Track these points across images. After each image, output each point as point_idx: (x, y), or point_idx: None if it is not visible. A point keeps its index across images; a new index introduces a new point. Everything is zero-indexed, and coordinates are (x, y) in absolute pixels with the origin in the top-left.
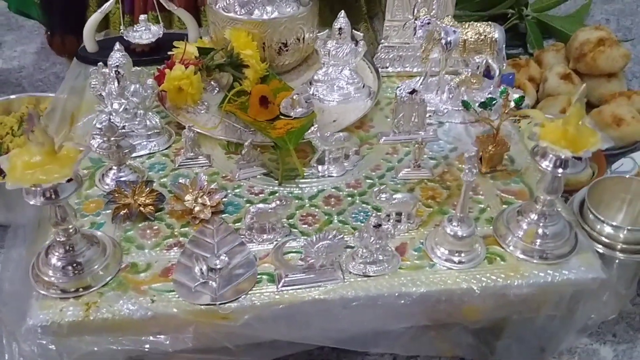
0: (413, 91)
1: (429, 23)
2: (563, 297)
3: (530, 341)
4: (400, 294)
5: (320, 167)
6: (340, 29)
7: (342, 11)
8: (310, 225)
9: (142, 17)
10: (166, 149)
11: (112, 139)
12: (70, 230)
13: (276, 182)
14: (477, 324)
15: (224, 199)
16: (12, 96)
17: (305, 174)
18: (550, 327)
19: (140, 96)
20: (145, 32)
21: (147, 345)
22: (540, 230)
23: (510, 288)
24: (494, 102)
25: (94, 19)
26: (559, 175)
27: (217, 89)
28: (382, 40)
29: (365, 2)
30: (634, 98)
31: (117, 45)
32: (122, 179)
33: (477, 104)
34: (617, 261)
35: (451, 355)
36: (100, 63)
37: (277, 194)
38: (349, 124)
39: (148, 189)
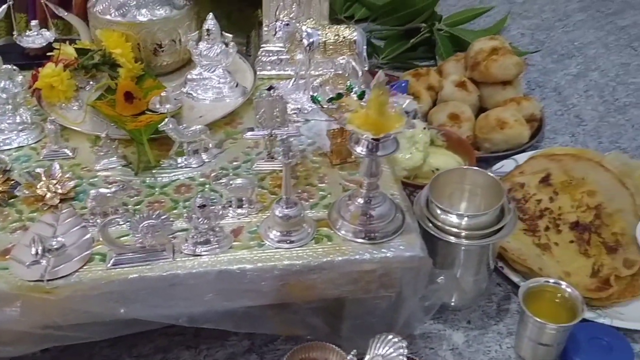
0: (270, 88)
1: (288, 25)
2: (390, 277)
3: (373, 323)
4: (222, 271)
5: (179, 159)
6: (208, 30)
7: (211, 13)
8: (155, 211)
9: (33, 22)
10: (35, 143)
11: None
12: None
13: (134, 172)
14: (310, 304)
15: (77, 188)
16: None
17: (163, 165)
18: (388, 309)
19: (11, 92)
20: (37, 37)
21: None
22: (365, 212)
23: (331, 265)
24: (341, 97)
25: None
26: (372, 158)
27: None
28: (263, 45)
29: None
30: (523, 104)
31: None
32: None
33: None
34: (463, 248)
35: (293, 335)
36: None
37: (130, 183)
38: (214, 120)
39: (4, 177)
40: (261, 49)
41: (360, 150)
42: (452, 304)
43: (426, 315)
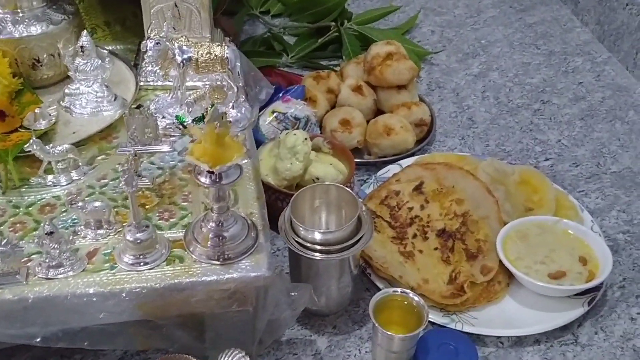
0: (139, 106)
1: (158, 43)
2: (242, 294)
3: (235, 334)
4: (73, 294)
5: (48, 177)
6: (82, 47)
7: (85, 30)
8: (16, 232)
9: None
10: None
11: None
12: None
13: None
14: (166, 320)
15: None
16: None
17: (32, 183)
18: (248, 321)
19: None
20: None
21: None
22: (217, 234)
23: (179, 287)
24: (203, 118)
25: None
26: (217, 187)
27: None
28: (145, 56)
29: None
30: (412, 109)
31: None
32: None
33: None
34: (323, 262)
35: (156, 348)
36: None
37: None
38: (87, 135)
39: None
40: (145, 61)
41: (204, 180)
42: (318, 309)
43: (286, 324)
